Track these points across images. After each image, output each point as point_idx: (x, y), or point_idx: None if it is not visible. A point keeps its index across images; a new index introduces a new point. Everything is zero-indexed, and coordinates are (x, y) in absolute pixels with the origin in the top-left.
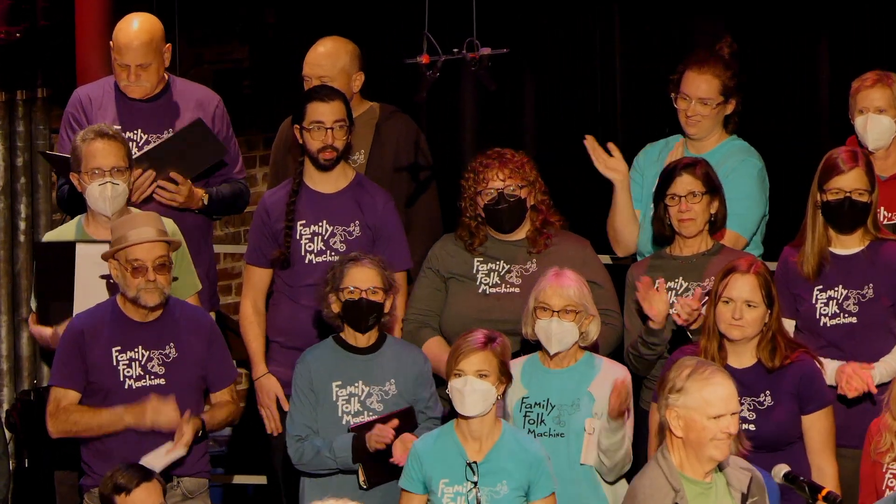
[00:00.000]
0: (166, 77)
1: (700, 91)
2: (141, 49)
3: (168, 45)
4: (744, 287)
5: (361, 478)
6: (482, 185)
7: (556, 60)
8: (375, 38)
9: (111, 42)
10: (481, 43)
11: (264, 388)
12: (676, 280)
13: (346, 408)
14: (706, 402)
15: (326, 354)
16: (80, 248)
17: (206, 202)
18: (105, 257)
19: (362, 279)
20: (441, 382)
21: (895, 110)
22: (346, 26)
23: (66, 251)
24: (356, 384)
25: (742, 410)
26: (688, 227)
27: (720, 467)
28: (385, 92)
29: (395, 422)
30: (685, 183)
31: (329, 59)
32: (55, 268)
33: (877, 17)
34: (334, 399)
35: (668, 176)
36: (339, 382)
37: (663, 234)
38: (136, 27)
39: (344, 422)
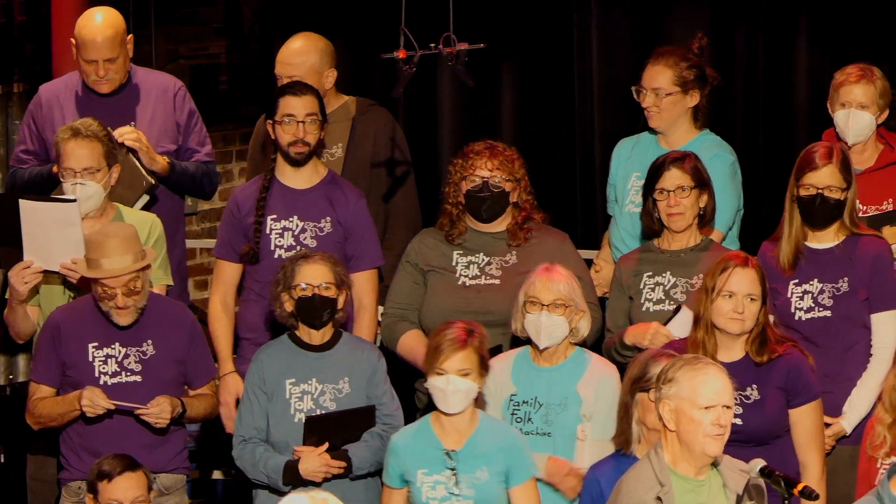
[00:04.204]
0: (129, 68)
1: (654, 82)
2: (107, 44)
3: (130, 35)
4: (745, 281)
5: None
6: (468, 171)
7: (534, 56)
8: (352, 34)
9: (74, 39)
10: (458, 38)
11: (227, 386)
12: (664, 275)
13: (299, 405)
14: (696, 392)
15: (280, 352)
16: (23, 205)
17: (167, 168)
18: (79, 269)
19: (314, 275)
20: (419, 375)
21: (876, 106)
22: (324, 21)
23: (9, 202)
24: (309, 382)
25: None
26: (676, 222)
27: (716, 465)
28: (363, 87)
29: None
30: (673, 177)
31: (299, 57)
32: (2, 216)
33: (855, 8)
34: (287, 396)
35: (656, 170)
36: (293, 380)
37: (652, 228)
38: (101, 22)
39: (296, 419)
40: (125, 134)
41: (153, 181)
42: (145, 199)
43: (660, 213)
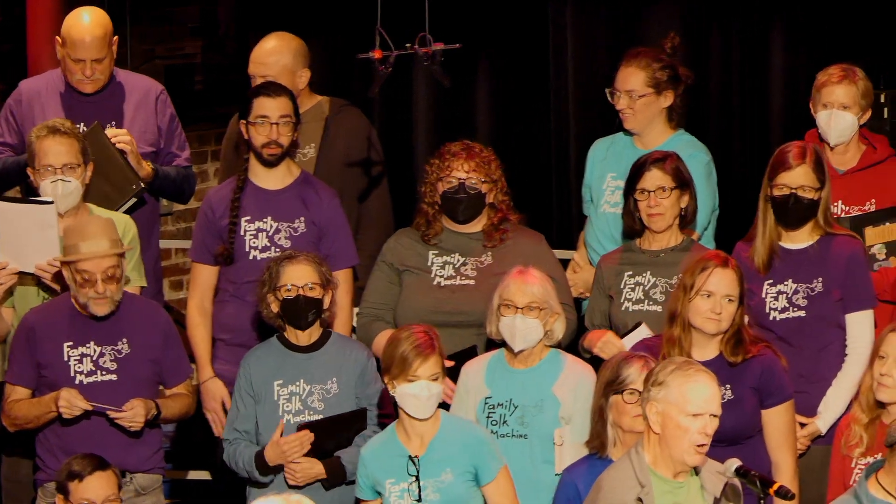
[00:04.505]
0: (112, 69)
1: (626, 84)
2: (95, 44)
3: (115, 37)
4: (724, 282)
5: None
6: (445, 172)
7: (510, 56)
8: (328, 34)
9: (59, 38)
10: (434, 38)
11: (210, 391)
12: (644, 275)
13: (287, 407)
14: (686, 399)
15: (269, 354)
16: None
17: (151, 174)
18: (59, 259)
19: (299, 276)
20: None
21: (859, 107)
22: (300, 21)
23: None
24: (297, 383)
25: None
26: (656, 222)
27: (695, 469)
28: (339, 87)
29: (309, 435)
30: (654, 178)
31: (272, 56)
32: None
33: (830, 7)
34: (275, 398)
35: (637, 170)
36: (281, 381)
37: (633, 228)
38: (90, 22)
39: (285, 420)
40: (118, 136)
41: (143, 185)
42: (133, 201)
43: (640, 214)
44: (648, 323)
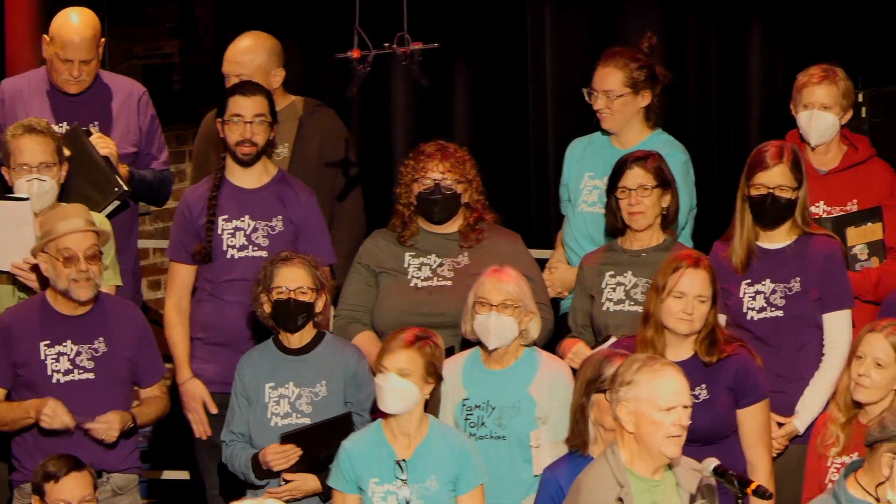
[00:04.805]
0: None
1: (604, 84)
2: (85, 45)
3: (103, 39)
4: (696, 282)
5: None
6: (420, 174)
7: (488, 55)
8: (307, 33)
9: (47, 37)
10: (412, 38)
11: (190, 392)
12: (626, 274)
13: (276, 409)
14: (656, 394)
15: (262, 356)
16: None
17: (127, 178)
18: (34, 252)
19: (291, 279)
20: None
21: (839, 107)
22: (278, 21)
23: None
24: (287, 385)
25: None
26: (637, 221)
27: (670, 466)
28: (317, 86)
29: (295, 449)
30: (636, 176)
31: (246, 55)
32: None
33: (808, 7)
34: (266, 400)
35: (619, 168)
36: (272, 384)
37: (615, 226)
38: (80, 23)
39: (272, 423)
40: (99, 141)
41: (126, 188)
42: (115, 204)
43: (621, 212)
44: (629, 323)
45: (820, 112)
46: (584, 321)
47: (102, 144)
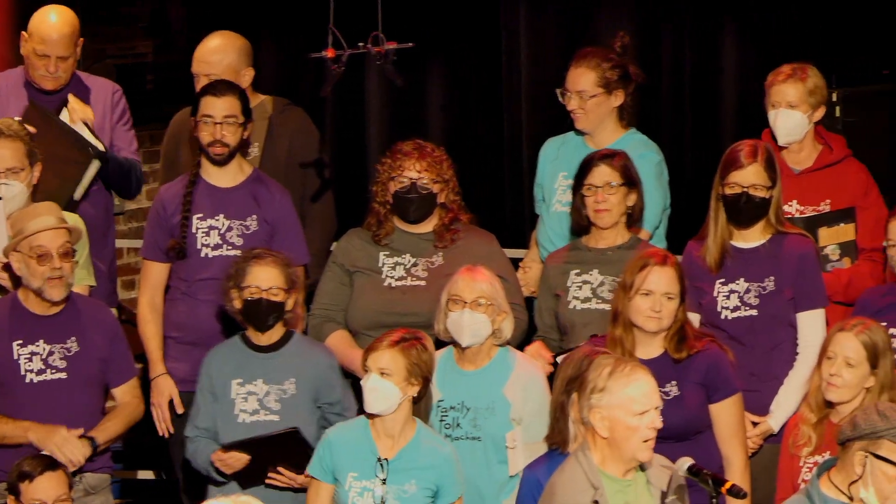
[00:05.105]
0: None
1: (577, 84)
2: (63, 41)
3: (81, 39)
4: (663, 279)
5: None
6: (397, 172)
7: (462, 55)
8: (281, 33)
9: (26, 33)
10: (387, 37)
11: (159, 388)
12: (592, 273)
13: (244, 406)
14: (630, 399)
15: (230, 352)
16: None
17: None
18: (6, 251)
19: (264, 279)
20: (347, 375)
21: (808, 105)
22: (252, 21)
23: None
24: (255, 382)
25: None
26: (603, 219)
27: (641, 466)
28: (291, 86)
29: (240, 456)
30: (602, 173)
31: (216, 55)
32: None
33: (782, 6)
34: (232, 397)
35: (585, 166)
36: (240, 380)
37: (581, 224)
38: (58, 19)
39: (240, 420)
40: (76, 106)
41: (102, 148)
42: (96, 164)
43: (587, 210)
44: (597, 321)
45: (786, 110)
46: (550, 321)
47: (79, 109)
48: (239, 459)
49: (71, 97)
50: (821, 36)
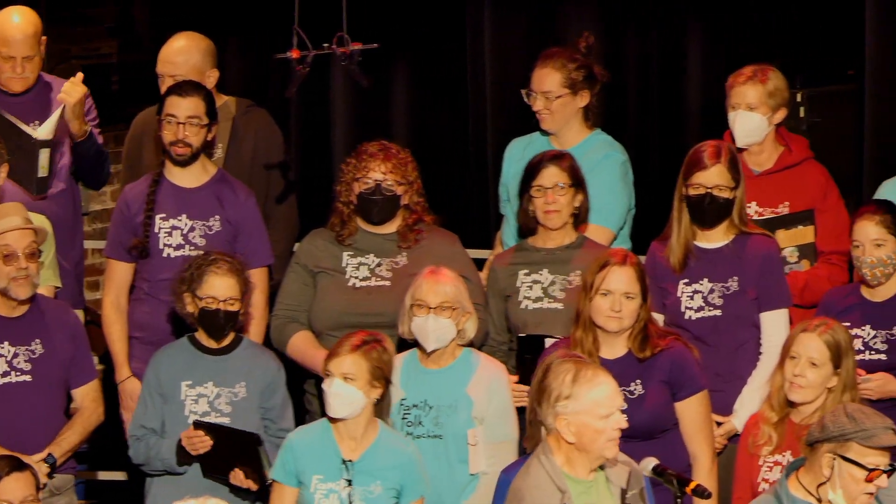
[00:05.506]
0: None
1: (542, 85)
2: (27, 41)
3: (44, 37)
4: (622, 279)
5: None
6: (361, 173)
7: (427, 56)
8: (246, 34)
9: None
10: (352, 38)
11: (126, 391)
12: (542, 272)
13: (194, 407)
14: (596, 404)
15: (179, 354)
16: None
17: (87, 133)
18: None
19: (221, 289)
20: (310, 376)
21: (767, 107)
22: (217, 21)
23: None
24: (206, 385)
25: None
26: (553, 220)
27: (602, 466)
28: (257, 87)
29: (205, 438)
30: (551, 174)
31: (181, 56)
32: None
33: (747, 7)
34: (182, 398)
35: (533, 168)
36: (190, 382)
37: (528, 226)
38: (21, 20)
39: (190, 421)
40: (69, 87)
41: (41, 138)
42: (47, 152)
43: (536, 211)
44: (549, 320)
45: (745, 112)
46: (501, 323)
47: (67, 89)
48: (204, 442)
49: (70, 79)
50: (786, 36)
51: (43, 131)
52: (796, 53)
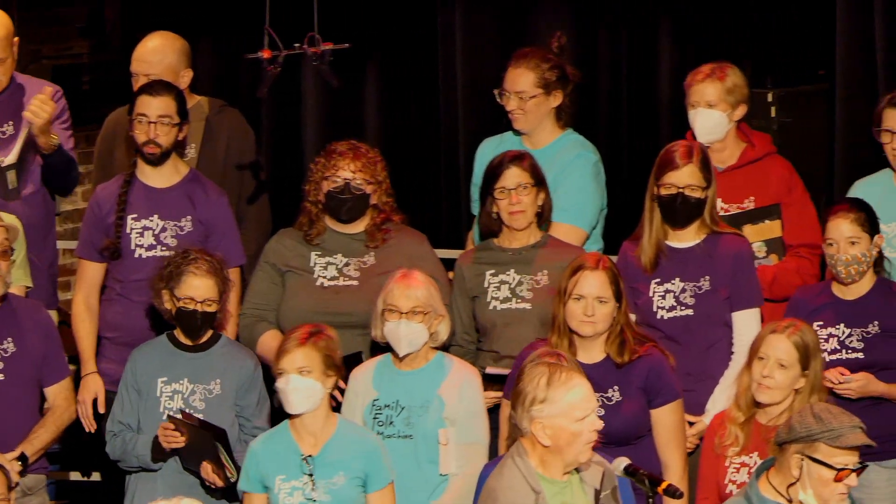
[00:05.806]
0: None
1: (516, 85)
2: (0, 44)
3: (16, 38)
4: (594, 283)
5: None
6: (331, 172)
7: (398, 55)
8: (217, 34)
9: None
10: (323, 38)
11: (87, 385)
12: (508, 273)
13: (169, 404)
14: (571, 407)
15: (156, 351)
16: None
17: (56, 146)
18: None
19: (199, 291)
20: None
21: (727, 104)
22: (188, 21)
23: None
24: (181, 381)
25: None
26: (518, 220)
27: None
28: (228, 87)
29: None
30: (514, 175)
31: (155, 55)
32: None
33: (718, 7)
34: (158, 395)
35: (494, 170)
36: (165, 379)
37: (491, 228)
38: None
39: (165, 417)
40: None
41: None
42: (11, 173)
43: (500, 212)
44: (518, 320)
45: (704, 110)
46: (469, 322)
47: (34, 109)
48: (176, 438)
49: (37, 98)
50: (757, 37)
51: (10, 157)
52: (767, 53)
